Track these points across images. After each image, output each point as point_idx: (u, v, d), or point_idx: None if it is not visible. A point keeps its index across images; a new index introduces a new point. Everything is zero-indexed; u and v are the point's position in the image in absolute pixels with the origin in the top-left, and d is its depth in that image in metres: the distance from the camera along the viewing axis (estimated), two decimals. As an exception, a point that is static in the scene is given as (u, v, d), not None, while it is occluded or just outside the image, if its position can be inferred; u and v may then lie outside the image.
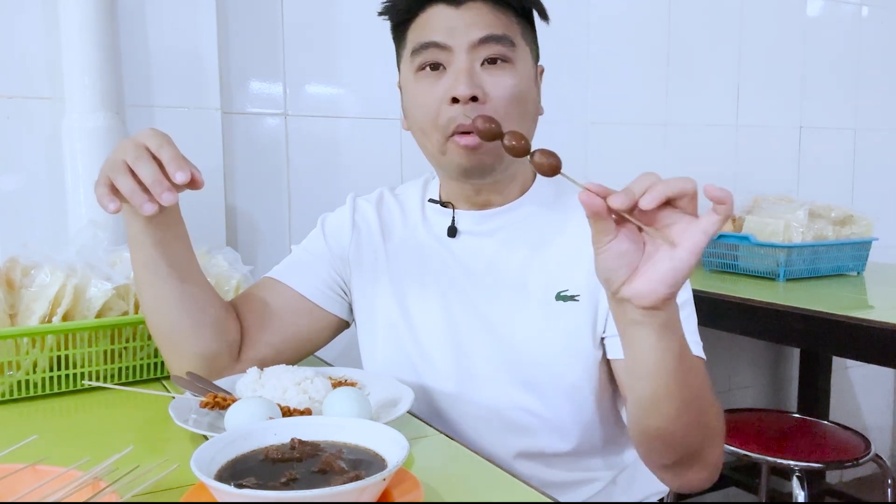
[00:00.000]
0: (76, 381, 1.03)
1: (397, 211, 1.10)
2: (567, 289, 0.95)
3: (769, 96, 2.39)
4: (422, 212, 1.08)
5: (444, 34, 0.92)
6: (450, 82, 0.92)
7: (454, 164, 0.95)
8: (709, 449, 0.84)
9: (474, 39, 0.91)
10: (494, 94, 0.91)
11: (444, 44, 0.92)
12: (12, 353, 0.98)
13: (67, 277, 1.03)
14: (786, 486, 2.04)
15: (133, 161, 0.79)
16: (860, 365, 2.58)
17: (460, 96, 0.90)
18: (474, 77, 0.91)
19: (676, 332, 0.72)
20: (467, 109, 0.90)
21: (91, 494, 0.61)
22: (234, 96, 1.58)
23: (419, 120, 0.96)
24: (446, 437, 0.84)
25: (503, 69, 0.92)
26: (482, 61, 0.92)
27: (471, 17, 0.92)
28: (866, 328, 1.49)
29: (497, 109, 0.91)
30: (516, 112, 0.93)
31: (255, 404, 0.77)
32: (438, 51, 0.92)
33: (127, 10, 1.38)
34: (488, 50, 0.92)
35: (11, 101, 1.33)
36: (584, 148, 2.06)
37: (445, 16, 0.93)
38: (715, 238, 2.10)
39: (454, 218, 1.03)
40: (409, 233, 1.07)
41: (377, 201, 1.12)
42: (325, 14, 1.66)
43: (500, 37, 0.92)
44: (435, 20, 0.93)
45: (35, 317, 1.00)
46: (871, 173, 2.62)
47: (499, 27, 0.92)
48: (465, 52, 0.91)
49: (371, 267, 1.07)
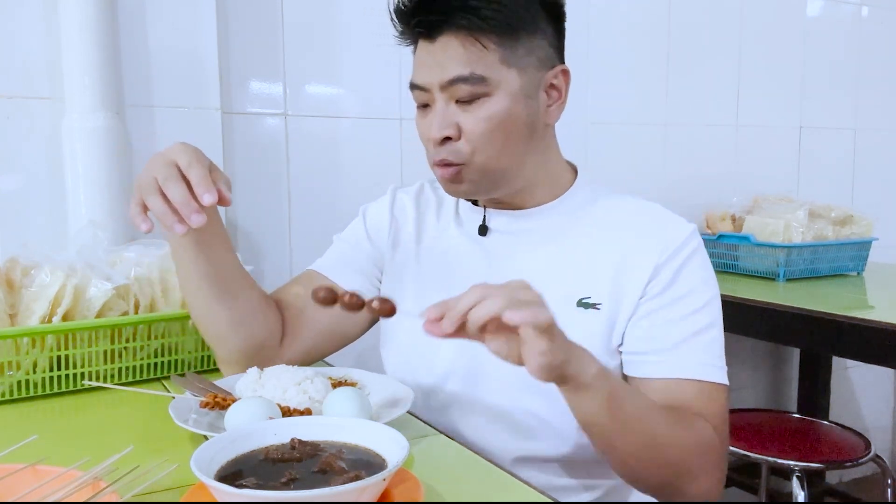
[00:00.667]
0: (76, 381, 1.03)
1: (434, 205, 1.12)
2: (590, 296, 0.94)
3: (769, 96, 2.39)
4: (456, 208, 1.09)
5: (423, 74, 0.93)
6: (429, 123, 0.94)
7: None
8: (687, 484, 0.85)
9: (444, 80, 0.91)
10: (468, 129, 0.92)
11: (422, 85, 0.94)
12: (12, 353, 0.98)
13: (67, 277, 1.03)
14: (786, 486, 2.04)
15: (163, 181, 0.79)
16: (860, 365, 2.58)
17: (430, 138, 0.93)
18: (446, 118, 0.92)
19: (595, 397, 0.75)
20: (439, 150, 0.93)
21: (91, 494, 0.61)
22: (234, 96, 1.58)
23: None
24: (446, 437, 0.84)
25: (478, 105, 0.92)
26: (457, 99, 0.92)
27: (442, 53, 0.91)
28: (866, 328, 1.49)
29: (469, 145, 0.92)
30: (497, 140, 0.93)
31: (255, 404, 0.77)
32: (421, 92, 0.94)
33: (127, 10, 1.38)
34: (458, 90, 0.91)
35: (11, 101, 1.33)
36: (584, 148, 2.06)
37: (424, 51, 0.94)
38: (715, 238, 2.11)
39: (485, 217, 1.04)
40: (441, 230, 1.09)
41: (417, 193, 1.13)
42: (325, 14, 1.66)
43: (466, 77, 0.90)
44: (418, 56, 0.95)
45: (35, 317, 1.01)
46: (871, 173, 2.62)
47: (467, 64, 0.90)
48: (439, 91, 0.92)
49: (401, 264, 1.09)
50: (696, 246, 0.95)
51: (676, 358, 0.89)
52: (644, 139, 2.18)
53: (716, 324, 0.93)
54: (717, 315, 0.93)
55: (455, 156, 0.93)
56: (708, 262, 0.96)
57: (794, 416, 2.07)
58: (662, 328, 0.91)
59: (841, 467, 1.79)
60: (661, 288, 0.92)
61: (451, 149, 0.93)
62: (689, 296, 0.92)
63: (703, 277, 0.94)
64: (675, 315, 0.91)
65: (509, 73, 0.92)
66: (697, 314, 0.91)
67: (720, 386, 0.90)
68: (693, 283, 0.93)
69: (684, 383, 0.88)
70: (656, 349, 0.90)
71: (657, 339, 0.90)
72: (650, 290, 0.92)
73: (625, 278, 0.93)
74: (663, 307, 0.91)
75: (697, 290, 0.92)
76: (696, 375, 0.89)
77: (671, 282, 0.92)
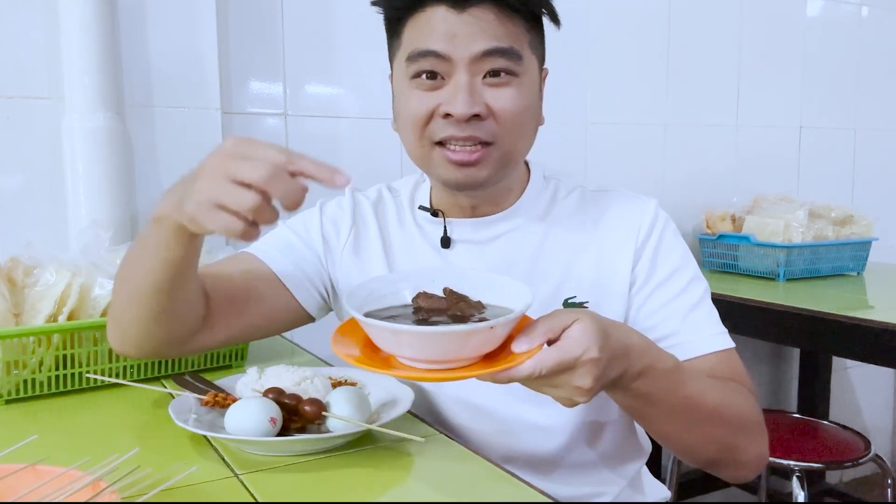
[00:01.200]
0: (81, 379, 1.03)
1: (393, 212, 1.04)
2: (575, 295, 0.93)
3: (769, 96, 2.39)
4: (414, 218, 1.02)
5: (444, 42, 0.84)
6: (447, 97, 0.85)
7: (440, 176, 0.90)
8: (735, 455, 0.85)
9: (478, 52, 0.83)
10: (499, 109, 0.85)
11: (444, 53, 0.84)
12: (18, 352, 0.98)
13: (73, 276, 1.03)
14: (786, 486, 2.04)
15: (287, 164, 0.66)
16: (860, 365, 2.58)
17: (457, 115, 0.84)
18: (475, 94, 0.84)
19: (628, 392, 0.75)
20: (465, 127, 0.85)
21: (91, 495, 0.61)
22: (234, 96, 1.58)
23: (407, 127, 0.90)
24: (446, 437, 0.84)
25: (508, 83, 0.86)
26: (484, 74, 0.85)
27: (475, 24, 0.83)
28: (866, 328, 1.49)
29: (500, 126, 0.86)
30: (519, 129, 0.88)
31: (255, 404, 0.77)
32: (437, 61, 0.85)
33: (127, 10, 1.38)
34: (492, 63, 0.84)
35: (11, 101, 1.33)
36: (584, 148, 2.06)
37: (447, 20, 0.84)
38: (715, 238, 2.11)
39: (445, 228, 0.99)
40: (405, 239, 1.02)
41: (375, 201, 1.06)
42: (325, 14, 1.66)
43: (506, 50, 0.84)
44: (435, 23, 0.85)
45: (41, 316, 1.01)
46: (871, 173, 2.62)
47: (506, 38, 0.84)
48: (467, 64, 0.84)
49: (369, 272, 1.01)
50: (665, 219, 0.96)
51: (685, 339, 0.89)
52: (644, 139, 2.18)
53: (706, 291, 0.94)
54: (705, 284, 0.94)
55: (486, 134, 0.85)
56: (678, 232, 0.97)
57: (794, 415, 2.07)
58: (663, 313, 0.91)
59: (841, 467, 1.79)
60: (647, 268, 0.92)
61: (482, 127, 0.85)
62: (676, 272, 0.92)
63: (681, 251, 0.95)
64: (670, 294, 0.91)
65: (532, 59, 0.89)
66: (689, 288, 0.92)
67: (731, 350, 0.91)
68: (674, 258, 0.93)
69: (701, 360, 0.88)
70: (665, 335, 0.90)
71: (661, 326, 0.90)
72: (638, 275, 0.93)
73: (607, 271, 0.93)
74: (657, 289, 0.92)
75: (681, 265, 0.93)
76: (710, 349, 0.89)
77: (654, 260, 0.93)
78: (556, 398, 0.70)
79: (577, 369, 0.66)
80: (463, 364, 0.66)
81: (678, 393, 0.78)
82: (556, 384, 0.68)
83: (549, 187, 1.00)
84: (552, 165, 1.04)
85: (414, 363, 0.66)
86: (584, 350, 0.66)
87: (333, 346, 0.68)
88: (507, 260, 0.96)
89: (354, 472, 0.74)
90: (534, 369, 0.65)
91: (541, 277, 0.94)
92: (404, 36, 0.89)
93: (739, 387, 0.87)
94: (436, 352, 0.64)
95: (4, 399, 0.98)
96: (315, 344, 1.26)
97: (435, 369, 0.65)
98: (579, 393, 0.68)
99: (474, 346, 0.65)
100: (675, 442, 0.85)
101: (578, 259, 0.94)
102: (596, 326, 0.67)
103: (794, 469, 1.72)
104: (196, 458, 0.77)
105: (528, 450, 0.95)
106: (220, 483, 0.71)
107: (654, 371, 0.74)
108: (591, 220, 0.96)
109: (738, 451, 0.85)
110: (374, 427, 0.78)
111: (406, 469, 0.77)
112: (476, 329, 0.63)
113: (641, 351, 0.73)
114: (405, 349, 0.66)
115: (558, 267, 0.95)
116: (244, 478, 0.72)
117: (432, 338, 0.63)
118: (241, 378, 0.90)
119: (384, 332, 0.65)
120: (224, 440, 0.78)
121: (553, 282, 0.94)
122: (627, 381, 0.73)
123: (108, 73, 1.33)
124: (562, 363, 0.66)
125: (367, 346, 0.69)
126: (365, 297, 0.72)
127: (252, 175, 0.62)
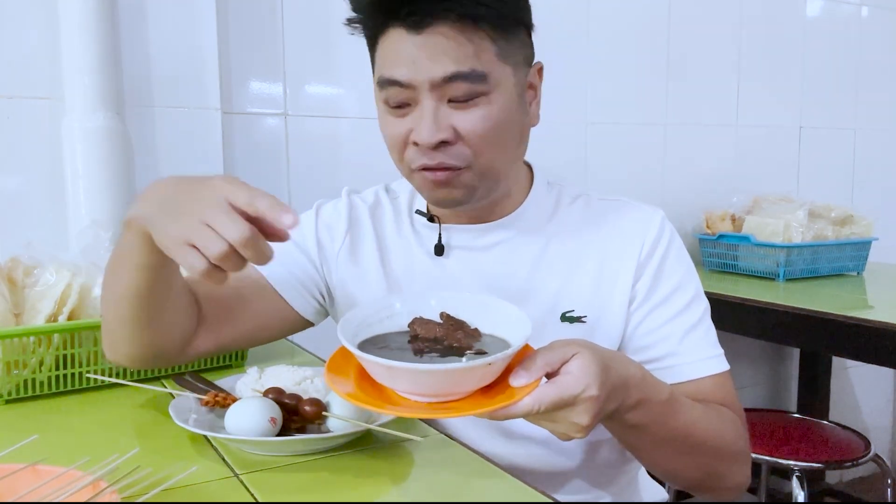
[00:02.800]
0: (82, 379, 1.03)
1: (391, 216, 1.02)
2: (573, 309, 0.91)
3: (769, 96, 2.39)
4: (411, 223, 1.00)
5: (406, 69, 0.81)
6: (413, 124, 0.83)
7: (424, 196, 0.91)
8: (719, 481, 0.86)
9: (437, 77, 0.80)
10: (467, 132, 0.82)
11: (406, 82, 0.81)
12: (19, 352, 0.98)
13: (73, 276, 1.03)
14: (786, 486, 2.04)
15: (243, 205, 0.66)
16: (860, 365, 2.58)
17: (423, 143, 0.82)
18: (439, 120, 0.81)
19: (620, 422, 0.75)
20: (434, 155, 0.83)
21: (91, 494, 0.61)
22: (234, 96, 1.58)
23: (389, 148, 0.90)
24: (446, 437, 0.84)
25: (476, 105, 0.82)
26: (449, 99, 0.82)
27: (433, 46, 0.79)
28: (866, 328, 1.49)
29: (471, 148, 0.83)
30: (494, 146, 0.84)
31: (256, 404, 0.77)
32: (401, 90, 0.82)
33: (127, 10, 1.38)
34: (455, 89, 0.81)
35: (11, 101, 1.33)
36: (584, 148, 2.06)
37: (405, 44, 0.81)
38: (715, 238, 2.11)
39: (440, 234, 0.96)
40: (401, 245, 0.99)
41: (373, 206, 1.03)
42: (325, 14, 1.66)
43: (467, 74, 0.80)
44: (396, 48, 0.82)
45: (41, 316, 1.01)
46: (871, 173, 2.62)
47: (466, 60, 0.80)
48: (429, 89, 0.81)
49: (365, 279, 0.99)
50: (671, 233, 0.93)
51: (681, 361, 0.88)
52: (644, 139, 2.18)
53: (706, 311, 0.92)
54: (705, 303, 0.92)
55: (457, 159, 0.83)
56: (683, 247, 0.94)
57: (794, 415, 2.07)
58: (660, 332, 0.90)
59: (841, 467, 1.79)
60: (648, 286, 0.90)
61: (452, 152, 0.83)
62: (678, 291, 0.90)
63: (684, 269, 0.92)
64: (670, 314, 0.90)
65: (505, 69, 0.83)
66: (690, 308, 0.90)
67: (726, 373, 0.90)
68: (677, 276, 0.91)
69: (695, 383, 0.88)
70: (660, 356, 0.89)
71: (658, 346, 0.89)
72: (639, 292, 0.90)
73: (607, 285, 0.91)
74: (657, 308, 0.90)
75: (684, 283, 0.91)
76: (705, 372, 0.89)
77: (656, 278, 0.90)
78: (552, 432, 0.70)
79: (576, 406, 0.66)
80: (459, 396, 0.67)
81: (669, 424, 0.78)
82: (554, 419, 0.68)
83: (552, 194, 0.98)
84: (552, 165, 1.03)
85: (409, 395, 0.67)
86: (583, 388, 0.65)
87: (327, 377, 0.70)
88: (504, 269, 0.93)
89: (354, 472, 0.74)
90: (532, 406, 0.65)
91: (538, 288, 0.92)
92: (377, 57, 0.87)
93: (728, 413, 0.87)
94: (432, 387, 0.66)
95: (4, 399, 0.98)
96: (315, 344, 1.26)
97: (432, 403, 0.66)
98: (576, 429, 0.68)
99: (472, 382, 0.66)
100: (661, 467, 0.86)
101: (578, 270, 0.92)
102: (595, 362, 0.67)
103: (793, 469, 1.72)
104: (196, 458, 0.77)
105: (525, 458, 0.94)
106: (220, 483, 0.71)
107: (648, 403, 0.74)
108: (594, 231, 0.93)
109: (723, 479, 0.86)
110: (373, 427, 0.78)
111: (406, 469, 0.77)
112: (473, 367, 0.64)
113: (638, 382, 0.73)
114: (401, 384, 0.67)
115: (557, 278, 0.92)
116: (244, 478, 0.72)
117: (428, 375, 0.64)
118: (241, 378, 0.90)
119: (379, 368, 0.65)
120: (224, 440, 0.78)
121: (551, 293, 0.92)
122: (622, 413, 0.73)
123: (108, 73, 1.33)
124: (560, 400, 0.65)
125: (362, 377, 0.70)
126: (358, 325, 0.73)
127: (226, 232, 0.63)
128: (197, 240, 0.64)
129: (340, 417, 0.78)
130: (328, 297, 1.02)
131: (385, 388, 0.68)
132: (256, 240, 0.64)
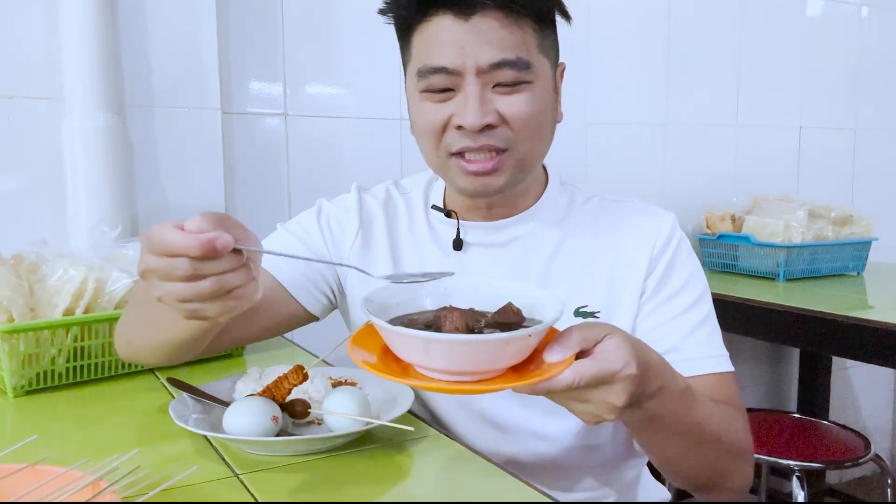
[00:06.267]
0: (97, 370, 1.06)
1: (404, 212, 1.03)
2: (586, 304, 0.92)
3: (769, 96, 2.39)
4: (427, 219, 1.01)
5: (452, 55, 0.82)
6: (458, 108, 0.84)
7: (457, 185, 0.90)
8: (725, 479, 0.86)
9: (484, 64, 0.82)
10: (511, 116, 0.84)
11: (453, 68, 0.83)
12: (33, 345, 1.00)
13: (89, 271, 1.05)
14: (786, 486, 2.04)
15: None
16: (860, 365, 2.58)
17: (469, 126, 0.83)
18: (486, 103, 0.83)
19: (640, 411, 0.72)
20: (478, 137, 0.84)
21: (91, 494, 0.61)
22: (234, 96, 1.58)
23: (422, 137, 0.90)
24: (446, 437, 0.84)
25: (520, 91, 0.84)
26: (494, 84, 0.84)
27: (481, 33, 0.82)
28: (866, 328, 1.49)
29: (514, 132, 0.85)
30: (533, 133, 0.87)
31: (256, 404, 0.77)
32: (446, 77, 0.84)
33: (127, 10, 1.38)
34: (501, 75, 0.83)
35: (11, 101, 1.33)
36: (584, 148, 2.06)
37: (453, 31, 0.82)
38: (715, 238, 2.12)
39: (459, 229, 0.97)
40: (415, 240, 1.01)
41: (385, 201, 1.04)
42: (326, 14, 1.66)
43: (513, 62, 0.82)
44: (442, 35, 0.83)
45: (58, 310, 1.03)
46: (871, 173, 2.62)
47: (512, 48, 0.82)
48: (475, 75, 0.83)
49: (379, 272, 0.97)
50: (681, 236, 0.96)
51: (686, 356, 0.89)
52: (644, 139, 2.18)
53: (712, 312, 0.93)
54: (711, 304, 0.94)
55: (499, 141, 0.84)
56: (692, 250, 0.97)
57: (794, 415, 2.07)
58: (668, 327, 0.91)
59: (841, 467, 1.79)
60: (657, 280, 0.92)
61: (495, 134, 0.84)
62: (686, 288, 0.92)
63: (692, 269, 0.94)
64: (678, 309, 0.91)
65: (544, 62, 0.87)
66: (697, 306, 0.92)
67: (730, 374, 0.91)
68: (686, 274, 0.93)
69: (700, 379, 0.88)
70: (667, 350, 0.88)
71: (665, 340, 0.90)
72: (649, 286, 0.92)
73: (620, 281, 0.92)
74: (665, 302, 0.91)
75: (692, 282, 0.93)
76: (710, 369, 0.89)
77: (666, 274, 0.92)
78: (581, 413, 0.68)
79: (614, 384, 0.65)
80: (490, 376, 0.62)
81: (685, 416, 0.77)
82: (588, 398, 0.66)
83: (565, 192, 1.00)
84: (552, 165, 1.03)
85: (436, 374, 0.62)
86: (623, 364, 0.64)
87: (349, 349, 0.65)
88: (521, 264, 0.95)
89: (354, 472, 0.74)
90: (573, 380, 0.62)
91: (553, 283, 0.93)
92: (413, 46, 0.88)
93: (736, 412, 0.87)
94: (468, 362, 0.60)
95: (25, 390, 1.01)
96: (315, 344, 1.26)
97: (464, 381, 0.61)
98: (609, 409, 0.66)
99: (510, 356, 0.62)
100: (672, 464, 0.84)
101: (593, 267, 0.94)
102: (630, 343, 0.66)
103: (794, 469, 1.72)
104: (196, 458, 0.77)
105: (528, 456, 0.95)
106: (220, 483, 0.71)
107: (667, 392, 0.73)
108: (609, 229, 0.95)
109: (729, 477, 0.86)
110: (373, 426, 0.78)
111: (406, 469, 0.77)
112: (512, 338, 0.60)
113: (658, 370, 0.72)
114: (435, 359, 0.61)
115: (572, 273, 0.94)
116: (244, 478, 0.72)
117: (467, 346, 0.59)
118: (242, 378, 0.90)
119: (413, 341, 0.60)
120: (224, 440, 0.78)
121: (565, 288, 0.93)
122: (643, 401, 0.71)
123: (108, 73, 1.33)
124: (600, 376, 0.64)
125: (386, 355, 0.66)
126: (381, 304, 0.68)
127: (183, 292, 0.62)
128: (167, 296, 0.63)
129: (338, 414, 0.78)
130: (338, 293, 1.04)
131: (409, 367, 0.64)
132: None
